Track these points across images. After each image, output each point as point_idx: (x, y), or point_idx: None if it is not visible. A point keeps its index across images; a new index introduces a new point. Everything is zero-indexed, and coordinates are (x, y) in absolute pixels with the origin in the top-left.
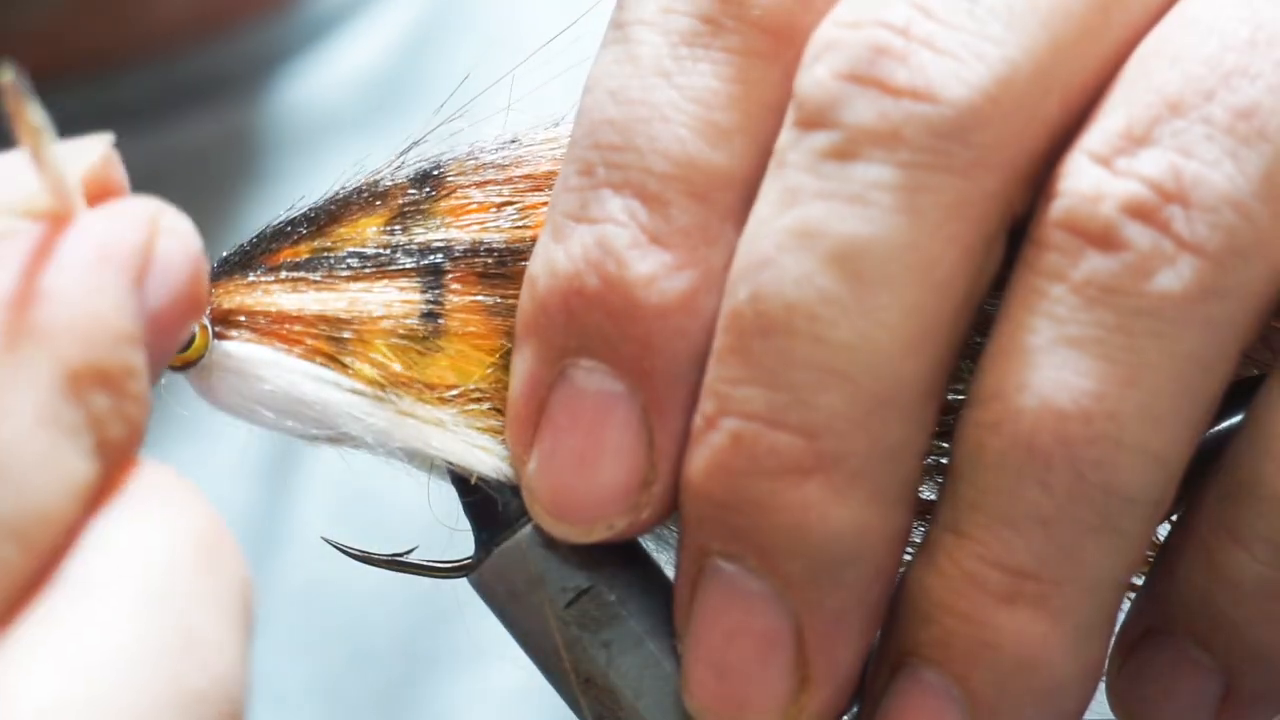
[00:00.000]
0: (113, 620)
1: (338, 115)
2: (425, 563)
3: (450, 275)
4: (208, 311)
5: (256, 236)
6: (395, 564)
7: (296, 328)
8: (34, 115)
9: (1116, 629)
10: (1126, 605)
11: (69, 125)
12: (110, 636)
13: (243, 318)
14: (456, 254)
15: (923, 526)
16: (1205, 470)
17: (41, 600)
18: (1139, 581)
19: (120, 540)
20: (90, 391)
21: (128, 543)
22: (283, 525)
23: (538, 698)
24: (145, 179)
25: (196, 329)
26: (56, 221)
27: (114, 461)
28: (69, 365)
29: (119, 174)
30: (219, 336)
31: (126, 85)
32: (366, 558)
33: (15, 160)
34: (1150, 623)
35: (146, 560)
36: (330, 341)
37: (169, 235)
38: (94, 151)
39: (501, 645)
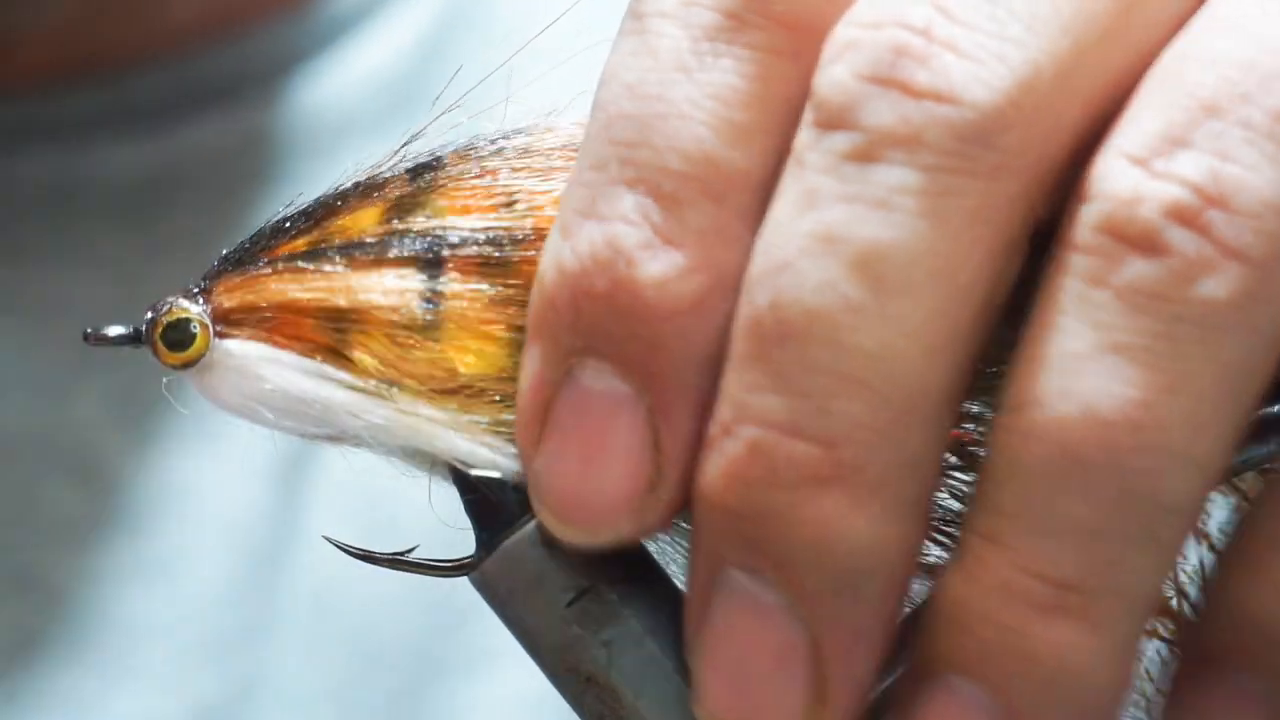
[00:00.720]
0: None
1: (354, 117)
2: (426, 561)
3: (450, 264)
4: (208, 310)
5: (255, 234)
6: (396, 562)
7: (296, 322)
8: None
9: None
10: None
11: (83, 126)
12: None
13: (242, 315)
14: (455, 242)
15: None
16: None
17: None
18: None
19: None
20: None
21: None
22: (294, 528)
23: (551, 703)
24: (159, 180)
25: (197, 327)
26: None
27: None
28: None
29: None
30: (220, 335)
31: (141, 86)
32: (368, 556)
33: None
34: (1201, 652)
35: None
36: (330, 333)
37: None
38: None
39: (514, 649)
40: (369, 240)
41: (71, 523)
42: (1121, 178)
